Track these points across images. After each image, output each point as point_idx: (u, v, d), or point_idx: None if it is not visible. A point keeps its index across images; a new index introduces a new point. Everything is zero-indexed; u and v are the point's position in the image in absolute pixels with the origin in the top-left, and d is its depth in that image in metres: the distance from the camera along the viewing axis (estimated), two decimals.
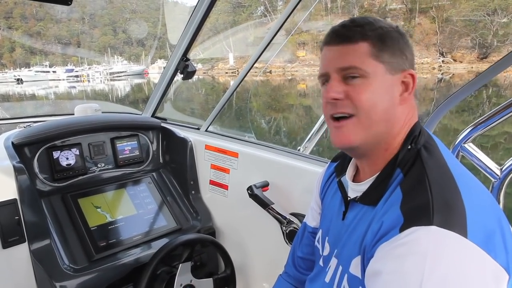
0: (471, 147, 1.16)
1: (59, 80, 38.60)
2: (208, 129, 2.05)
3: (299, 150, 1.76)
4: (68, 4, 1.11)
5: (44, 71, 40.25)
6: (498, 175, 1.10)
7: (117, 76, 38.74)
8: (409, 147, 0.75)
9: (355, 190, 0.85)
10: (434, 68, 25.47)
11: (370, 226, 0.73)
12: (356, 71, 0.75)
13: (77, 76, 40.02)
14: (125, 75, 38.05)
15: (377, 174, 0.78)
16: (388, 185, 0.74)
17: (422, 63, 25.68)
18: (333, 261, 0.87)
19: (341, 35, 0.77)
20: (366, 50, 0.75)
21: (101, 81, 38.90)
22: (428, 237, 0.59)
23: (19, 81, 35.69)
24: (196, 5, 1.70)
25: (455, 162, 0.74)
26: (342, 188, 0.90)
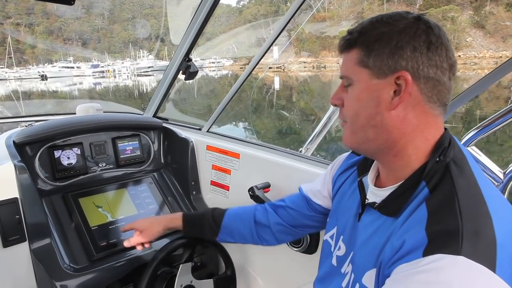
0: (474, 150, 1.15)
1: (84, 76, 38.11)
2: (210, 129, 2.05)
3: (301, 151, 1.76)
4: (71, 4, 1.11)
5: (68, 67, 39.83)
6: (501, 179, 1.09)
7: (144, 72, 38.20)
8: (437, 159, 0.71)
9: (375, 194, 0.82)
10: None
11: (389, 240, 0.70)
12: (347, 80, 0.78)
13: (102, 72, 39.54)
14: (152, 70, 37.27)
15: (400, 183, 0.74)
16: (412, 198, 0.71)
17: (501, 56, 23.54)
18: (349, 267, 0.85)
19: (341, 45, 0.79)
20: (355, 57, 0.75)
21: (127, 76, 38.37)
22: (454, 268, 0.56)
23: (44, 77, 35.31)
24: (199, 5, 1.69)
25: (486, 181, 0.70)
26: (362, 189, 0.88)
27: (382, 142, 0.75)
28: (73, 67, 39.83)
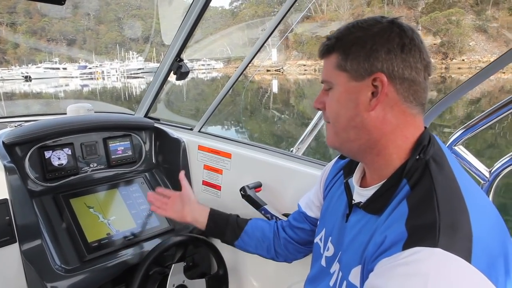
0: (461, 149, 1.18)
1: (71, 77, 36.96)
2: (201, 129, 2.05)
3: (291, 151, 1.77)
4: (61, 4, 1.10)
5: (54, 68, 38.54)
6: (487, 177, 1.12)
7: (134, 74, 37.35)
8: (417, 157, 0.73)
9: (360, 194, 0.84)
10: None
11: (372, 237, 0.73)
12: (327, 84, 0.82)
13: (90, 73, 38.51)
14: (142, 72, 36.36)
15: (383, 181, 0.77)
16: (394, 195, 0.73)
17: None
18: (336, 266, 0.88)
19: (320, 50, 0.82)
20: (334, 62, 0.78)
21: (117, 78, 37.46)
22: (431, 259, 0.59)
23: (27, 78, 34.22)
24: (190, 5, 1.70)
25: (464, 177, 0.72)
26: (348, 191, 0.90)
27: (364, 142, 0.78)
28: (58, 68, 38.59)
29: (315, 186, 1.16)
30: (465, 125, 1.16)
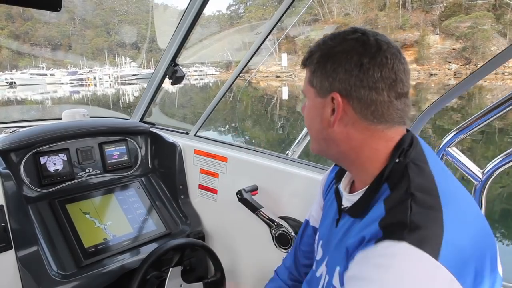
0: (454, 151, 1.20)
1: (61, 84, 35.44)
2: (197, 133, 2.06)
3: (287, 154, 1.78)
4: (57, 10, 1.11)
5: (40, 74, 37.22)
6: (480, 178, 1.14)
7: (128, 80, 36.42)
8: (396, 160, 0.75)
9: (348, 199, 0.86)
10: None
11: (352, 239, 0.75)
12: (304, 95, 0.86)
13: (81, 80, 37.43)
14: (137, 78, 35.41)
15: (367, 187, 0.79)
16: (375, 199, 0.75)
17: None
18: (323, 269, 0.90)
19: (302, 62, 0.86)
20: (307, 76, 0.83)
21: (110, 85, 36.54)
22: (397, 253, 0.62)
23: (12, 84, 33.42)
24: (185, 10, 1.71)
25: (446, 179, 0.73)
26: (338, 196, 0.92)
27: (335, 153, 0.83)
28: (46, 74, 37.02)
29: (317, 197, 1.16)
30: (458, 127, 1.18)
